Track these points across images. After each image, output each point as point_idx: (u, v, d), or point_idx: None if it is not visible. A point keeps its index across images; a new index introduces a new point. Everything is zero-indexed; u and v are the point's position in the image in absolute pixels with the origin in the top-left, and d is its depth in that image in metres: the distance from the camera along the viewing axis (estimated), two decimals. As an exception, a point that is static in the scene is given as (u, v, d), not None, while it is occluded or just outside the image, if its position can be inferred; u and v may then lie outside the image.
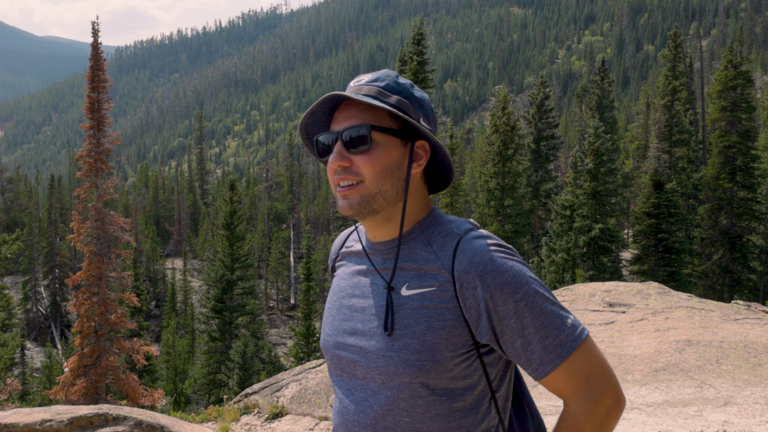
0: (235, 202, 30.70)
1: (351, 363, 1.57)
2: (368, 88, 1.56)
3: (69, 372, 17.84)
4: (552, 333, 1.43)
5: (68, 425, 5.67)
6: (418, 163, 1.58)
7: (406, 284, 1.52)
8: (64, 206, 57.73)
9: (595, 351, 1.47)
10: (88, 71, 19.16)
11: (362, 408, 1.54)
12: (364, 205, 1.53)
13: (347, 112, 1.55)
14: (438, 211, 1.61)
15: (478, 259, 1.45)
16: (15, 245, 31.09)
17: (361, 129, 1.51)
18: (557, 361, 1.43)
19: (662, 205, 25.53)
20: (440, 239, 1.54)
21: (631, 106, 78.39)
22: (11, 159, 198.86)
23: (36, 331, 48.26)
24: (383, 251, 1.60)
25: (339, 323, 1.63)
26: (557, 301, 1.48)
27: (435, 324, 1.46)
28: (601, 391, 1.45)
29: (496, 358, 1.53)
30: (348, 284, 1.66)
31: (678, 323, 7.98)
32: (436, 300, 1.47)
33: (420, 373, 1.46)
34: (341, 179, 1.54)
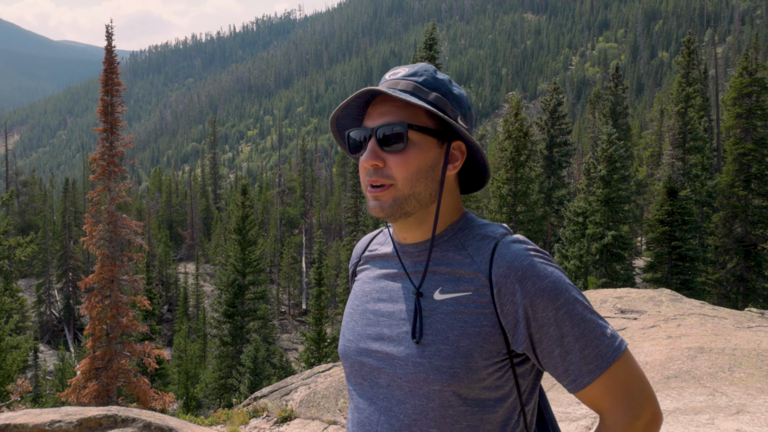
0: (247, 206, 30.77)
1: (375, 370, 1.50)
2: (406, 83, 1.49)
3: (81, 375, 17.91)
4: (592, 343, 1.37)
5: (77, 426, 5.69)
6: (454, 165, 1.52)
7: (439, 288, 1.46)
8: (78, 210, 58.06)
9: (635, 363, 1.41)
10: (101, 74, 19.30)
11: (387, 418, 1.46)
12: (396, 208, 1.47)
13: (383, 107, 1.49)
14: (471, 214, 1.56)
15: (517, 263, 1.39)
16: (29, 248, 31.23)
17: (396, 127, 1.44)
18: (597, 372, 1.37)
19: (676, 213, 25.36)
20: (475, 243, 1.48)
21: (644, 113, 78.07)
22: (27, 162, 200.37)
23: (49, 334, 48.52)
24: (413, 254, 1.54)
25: (362, 328, 1.56)
26: (596, 311, 1.42)
27: (470, 330, 1.40)
28: (641, 405, 1.39)
29: (528, 369, 1.47)
30: (373, 288, 1.60)
31: (690, 330, 7.91)
32: (472, 305, 1.42)
33: (452, 381, 1.39)
34: (373, 181, 1.47)
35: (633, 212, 33.25)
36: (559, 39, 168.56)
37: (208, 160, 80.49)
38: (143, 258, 21.09)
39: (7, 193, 33.20)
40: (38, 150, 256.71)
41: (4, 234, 30.18)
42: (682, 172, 32.68)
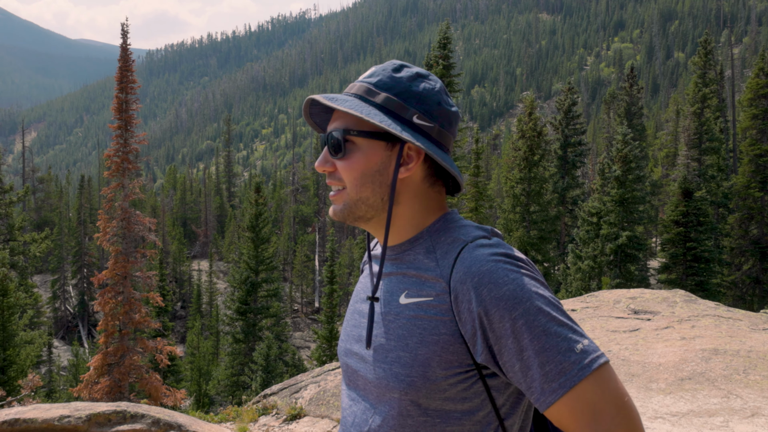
0: (260, 204, 30.83)
1: (354, 372, 1.47)
2: (359, 85, 1.44)
3: (93, 370, 18.00)
4: (554, 359, 1.23)
5: (86, 422, 5.68)
6: (407, 168, 1.41)
7: (405, 291, 1.39)
8: (94, 206, 58.40)
9: (610, 383, 1.25)
10: (117, 72, 19.40)
11: (359, 422, 1.43)
12: (348, 212, 1.44)
13: (337, 113, 1.46)
14: (453, 216, 1.47)
15: (475, 268, 1.29)
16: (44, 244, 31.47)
17: (336, 133, 1.42)
18: (560, 391, 1.23)
19: (691, 214, 25.20)
20: (445, 246, 1.39)
21: (660, 114, 77.63)
22: (43, 159, 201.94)
23: (64, 330, 48.88)
24: (390, 256, 1.48)
25: (350, 329, 1.54)
26: (569, 323, 1.28)
27: (428, 338, 1.32)
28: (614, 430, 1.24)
29: (503, 382, 1.35)
30: (361, 288, 1.58)
31: (704, 332, 7.83)
32: (432, 311, 1.33)
33: (410, 389, 1.32)
34: (330, 183, 1.47)
35: (648, 213, 33.04)
36: (574, 39, 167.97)
37: (223, 158, 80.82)
38: (156, 255, 21.17)
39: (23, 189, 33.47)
40: (55, 147, 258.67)
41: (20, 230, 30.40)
42: (698, 172, 32.46)
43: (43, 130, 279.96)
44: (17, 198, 30.27)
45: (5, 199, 29.51)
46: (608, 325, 8.34)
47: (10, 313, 19.59)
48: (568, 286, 27.24)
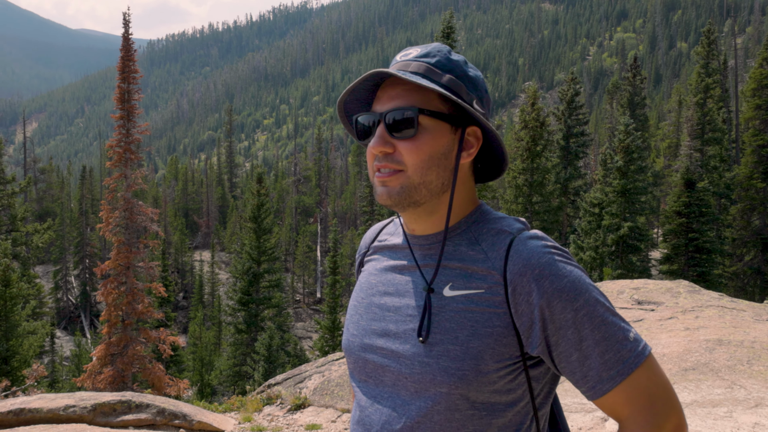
0: (262, 195, 30.83)
1: (379, 368, 1.42)
2: (417, 64, 1.39)
3: (96, 360, 18.05)
4: (613, 347, 1.27)
5: (91, 411, 5.70)
6: (468, 152, 1.42)
7: (449, 284, 1.37)
8: (95, 197, 58.43)
9: (659, 370, 1.31)
10: (119, 62, 19.36)
11: (389, 419, 1.38)
12: (405, 196, 1.37)
13: (392, 91, 1.39)
14: (486, 207, 1.46)
15: (534, 261, 1.30)
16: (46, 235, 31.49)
17: (407, 112, 1.35)
18: (618, 378, 1.27)
19: (693, 204, 25.17)
20: (490, 237, 1.38)
21: (662, 104, 77.44)
22: (44, 150, 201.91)
23: (66, 320, 48.98)
24: (423, 246, 1.45)
25: (367, 323, 1.47)
26: (618, 314, 1.31)
27: (481, 330, 1.31)
28: (664, 415, 1.29)
29: (542, 372, 1.38)
30: (380, 280, 1.51)
31: (708, 322, 7.83)
32: (484, 304, 1.32)
33: (461, 383, 1.30)
34: (382, 166, 1.38)
35: (650, 204, 32.98)
36: (576, 29, 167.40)
37: (224, 148, 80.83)
38: (159, 245, 21.18)
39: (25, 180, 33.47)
40: (56, 138, 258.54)
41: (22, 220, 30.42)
42: (700, 163, 32.41)
43: (44, 120, 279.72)
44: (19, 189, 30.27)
45: (7, 189, 29.52)
46: (612, 316, 8.34)
47: (12, 304, 19.63)
48: (570, 276, 27.19)
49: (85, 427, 5.43)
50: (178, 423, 5.92)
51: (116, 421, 5.71)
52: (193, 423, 5.98)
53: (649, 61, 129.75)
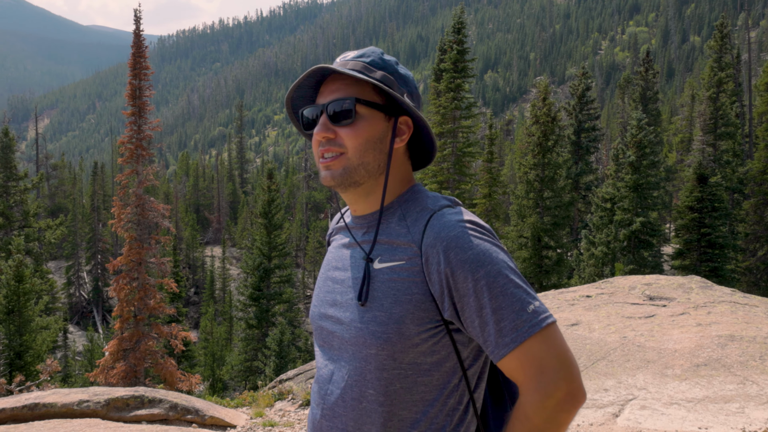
0: (273, 190, 30.87)
1: (330, 333, 1.60)
2: (354, 63, 1.59)
3: (109, 355, 18.15)
4: (509, 316, 1.40)
5: (105, 406, 5.74)
6: (401, 138, 1.60)
7: (379, 257, 1.54)
8: (107, 193, 58.68)
9: (555, 341, 1.42)
10: (130, 59, 19.42)
11: (336, 378, 1.56)
12: (346, 176, 1.56)
13: (333, 85, 1.58)
14: (419, 187, 1.64)
15: (444, 234, 1.45)
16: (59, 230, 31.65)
17: (345, 102, 1.54)
18: (511, 345, 1.40)
19: (706, 199, 25.04)
20: (415, 214, 1.55)
21: (675, 99, 77.01)
22: (56, 146, 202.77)
23: (78, 316, 49.26)
24: (362, 225, 1.64)
25: (324, 295, 1.66)
26: (524, 286, 1.44)
27: (402, 298, 1.47)
28: (554, 384, 1.40)
29: (467, 337, 1.52)
30: (333, 257, 1.71)
31: (720, 318, 7.80)
32: (405, 274, 1.49)
33: (386, 345, 1.47)
34: (325, 150, 1.57)
35: (662, 198, 32.88)
36: (588, 23, 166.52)
37: (235, 144, 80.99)
38: (170, 241, 21.28)
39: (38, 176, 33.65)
40: (67, 134, 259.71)
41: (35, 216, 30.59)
42: (713, 158, 32.23)
43: (56, 116, 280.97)
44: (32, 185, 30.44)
45: (20, 186, 29.69)
46: (623, 312, 8.32)
47: (26, 299, 19.76)
48: (581, 272, 27.16)
49: (98, 422, 5.47)
50: (190, 418, 5.95)
51: (129, 416, 5.75)
52: (206, 418, 6.01)
53: (661, 55, 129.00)
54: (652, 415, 5.58)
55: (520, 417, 1.45)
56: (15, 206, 29.37)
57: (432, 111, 27.55)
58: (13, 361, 19.08)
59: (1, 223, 28.58)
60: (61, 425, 5.33)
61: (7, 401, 5.77)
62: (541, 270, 26.84)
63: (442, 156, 26.50)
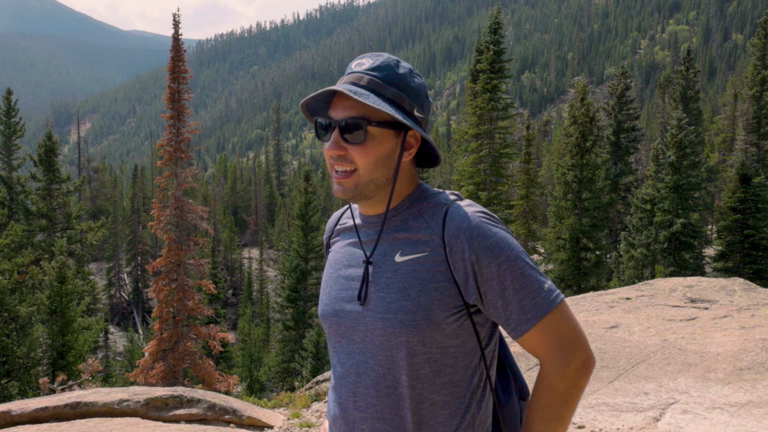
0: (309, 192, 31.04)
1: (350, 328, 1.68)
2: (368, 78, 1.63)
3: (148, 356, 18.39)
4: (529, 295, 1.56)
5: (144, 406, 5.81)
6: (409, 152, 1.69)
7: (399, 251, 1.64)
8: (147, 195, 59.54)
9: (568, 315, 1.60)
10: (169, 62, 19.67)
11: (364, 369, 1.65)
12: (357, 192, 1.65)
13: (346, 102, 1.63)
14: (425, 185, 1.75)
15: (465, 224, 1.58)
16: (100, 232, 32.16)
17: (357, 122, 1.60)
18: (533, 321, 1.56)
19: (749, 200, 24.62)
20: (430, 209, 1.67)
21: (717, 98, 75.71)
22: (98, 149, 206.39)
23: (119, 316, 50.05)
24: (375, 224, 1.73)
25: (337, 292, 1.74)
26: (537, 268, 1.60)
27: (428, 286, 1.58)
28: (572, 352, 1.58)
29: (484, 318, 1.65)
30: (343, 256, 1.78)
31: (765, 321, 7.63)
32: (429, 264, 1.60)
33: (416, 332, 1.57)
34: (337, 164, 1.64)
35: (703, 199, 32.32)
36: (627, 22, 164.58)
37: (272, 146, 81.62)
38: (209, 243, 21.48)
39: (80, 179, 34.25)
40: (108, 137, 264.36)
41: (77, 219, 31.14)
42: (756, 158, 31.65)
43: (97, 120, 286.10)
44: (74, 187, 30.95)
45: (62, 188, 30.22)
46: (664, 314, 8.19)
47: (68, 300, 20.08)
48: (621, 274, 26.84)
49: (138, 421, 5.53)
50: (228, 418, 5.99)
51: (168, 415, 5.81)
52: (243, 418, 6.05)
53: (702, 53, 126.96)
54: (693, 420, 5.48)
55: (545, 387, 1.61)
56: (58, 208, 29.91)
57: (469, 112, 27.44)
58: (55, 361, 19.42)
59: (44, 225, 29.12)
60: (101, 424, 5.41)
61: (49, 400, 5.87)
62: (579, 272, 26.58)
63: (478, 157, 26.37)
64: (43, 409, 5.69)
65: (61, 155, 31.41)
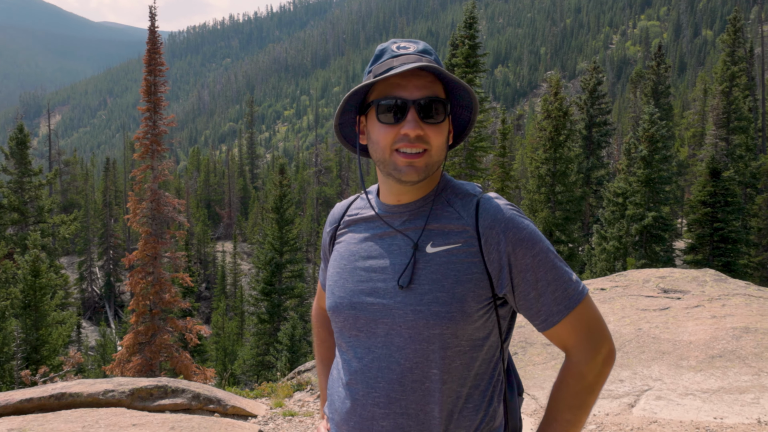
0: (284, 185, 30.98)
1: (372, 321, 1.62)
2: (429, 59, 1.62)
3: (124, 349, 18.32)
4: (562, 287, 1.58)
5: (129, 396, 5.85)
6: (450, 135, 1.70)
7: (430, 242, 1.60)
8: (119, 189, 58.99)
9: (593, 306, 1.63)
10: (145, 55, 19.55)
11: (388, 363, 1.59)
12: (426, 173, 1.60)
13: (418, 81, 1.59)
14: (447, 175, 1.72)
15: (500, 216, 1.58)
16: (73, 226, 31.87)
17: (439, 102, 1.59)
18: (564, 312, 1.58)
19: (719, 194, 24.98)
20: (459, 200, 1.65)
21: (687, 93, 76.59)
22: (68, 142, 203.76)
23: (91, 311, 49.52)
24: (403, 213, 1.68)
25: (354, 285, 1.67)
26: (563, 261, 1.62)
27: (463, 277, 1.56)
28: (600, 341, 1.61)
29: (507, 310, 1.66)
30: (361, 248, 1.71)
31: (735, 310, 7.84)
32: (463, 255, 1.58)
33: (450, 324, 1.55)
34: (409, 146, 1.57)
35: (674, 193, 32.79)
36: (599, 17, 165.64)
37: (246, 139, 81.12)
38: (184, 235, 21.40)
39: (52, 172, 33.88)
40: (79, 130, 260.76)
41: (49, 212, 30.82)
42: (726, 152, 32.14)
43: (67, 113, 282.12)
44: (47, 180, 30.63)
45: (34, 181, 29.90)
46: (638, 304, 8.38)
47: (42, 294, 19.91)
48: (593, 266, 27.16)
49: (123, 411, 5.58)
50: (212, 407, 6.06)
51: (153, 405, 5.86)
52: (227, 407, 6.12)
53: (673, 49, 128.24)
54: (667, 406, 5.64)
55: (575, 376, 1.62)
56: (30, 202, 29.61)
57: (443, 106, 27.44)
58: (29, 355, 19.27)
59: (16, 218, 28.81)
60: (87, 414, 5.45)
61: (34, 391, 5.89)
62: (552, 265, 26.77)
63: (454, 151, 26.49)
64: (28, 400, 5.71)
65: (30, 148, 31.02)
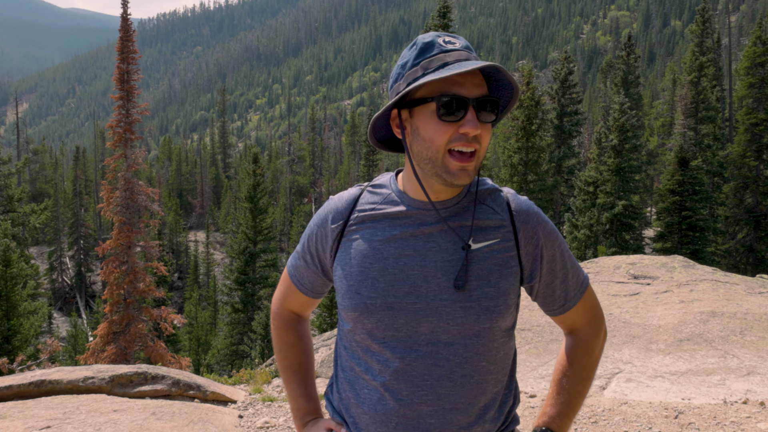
0: (258, 174, 30.88)
1: (412, 321, 1.57)
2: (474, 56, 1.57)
3: (99, 338, 18.23)
4: (576, 274, 1.74)
5: (109, 382, 5.89)
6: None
7: (471, 239, 1.60)
8: (89, 178, 58.35)
9: (593, 291, 1.82)
10: (117, 42, 19.34)
11: (435, 360, 1.57)
12: (475, 174, 1.59)
13: (474, 79, 1.54)
14: None
15: (532, 211, 1.67)
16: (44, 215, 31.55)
17: (494, 101, 1.55)
18: (578, 296, 1.74)
19: (687, 183, 25.33)
20: (487, 196, 1.67)
21: (656, 83, 77.44)
22: (36, 131, 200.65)
23: (61, 301, 49.02)
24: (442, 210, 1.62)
25: (388, 284, 1.59)
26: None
27: (505, 272, 1.62)
28: (602, 321, 1.82)
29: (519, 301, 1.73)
30: (390, 246, 1.62)
31: (702, 295, 8.05)
32: (502, 250, 1.62)
33: (499, 317, 1.60)
34: (466, 145, 1.53)
35: (644, 182, 33.21)
36: (570, 7, 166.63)
37: (217, 128, 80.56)
38: (157, 224, 21.26)
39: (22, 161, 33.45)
40: (47, 118, 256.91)
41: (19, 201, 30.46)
42: (694, 142, 32.60)
43: (35, 101, 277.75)
44: (16, 169, 30.26)
45: (3, 170, 29.53)
46: (609, 290, 8.56)
47: (13, 284, 19.74)
48: (565, 254, 27.41)
49: (104, 398, 5.61)
50: (192, 393, 6.12)
51: (133, 391, 5.91)
52: (207, 393, 6.18)
53: (643, 39, 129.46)
54: (637, 388, 5.80)
55: (585, 351, 1.78)
56: (-1, 191, 29.27)
57: (417, 95, 27.52)
58: (1, 345, 19.12)
59: (-15, 207, 28.47)
60: (68, 401, 5.48)
61: (13, 379, 5.90)
62: (525, 253, 27.04)
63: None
64: (7, 387, 5.72)
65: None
